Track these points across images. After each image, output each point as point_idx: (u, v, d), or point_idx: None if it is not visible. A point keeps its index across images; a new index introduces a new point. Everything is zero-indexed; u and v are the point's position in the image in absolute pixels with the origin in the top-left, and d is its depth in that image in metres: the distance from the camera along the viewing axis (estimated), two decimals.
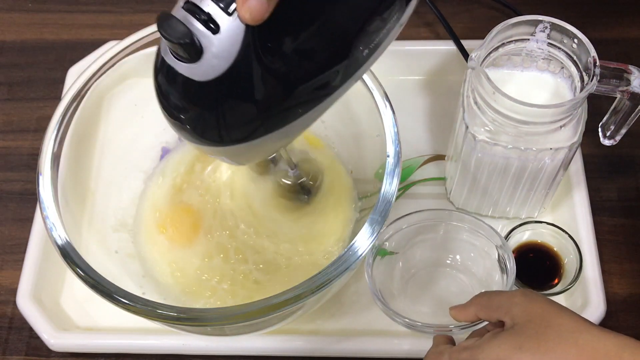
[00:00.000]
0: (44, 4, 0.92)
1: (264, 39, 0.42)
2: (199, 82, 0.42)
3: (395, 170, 0.59)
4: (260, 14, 0.40)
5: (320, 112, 0.49)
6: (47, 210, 0.58)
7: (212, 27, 0.40)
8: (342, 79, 0.48)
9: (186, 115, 0.45)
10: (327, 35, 0.45)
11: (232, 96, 0.43)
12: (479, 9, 0.89)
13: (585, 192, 0.72)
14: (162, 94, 0.45)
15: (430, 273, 0.70)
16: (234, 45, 0.41)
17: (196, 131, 0.45)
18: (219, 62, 0.41)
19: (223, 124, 0.45)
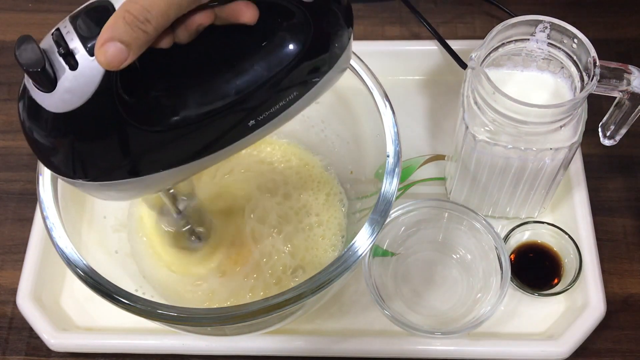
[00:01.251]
0: (44, 4, 0.92)
1: (126, 86, 0.42)
2: (52, 112, 0.42)
3: (395, 170, 0.59)
4: (116, 60, 0.39)
5: (199, 167, 0.49)
6: (47, 210, 0.58)
7: (71, 62, 0.40)
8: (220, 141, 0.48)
9: (38, 142, 0.44)
10: (202, 97, 0.45)
11: (80, 133, 0.43)
12: (480, 9, 0.89)
13: (585, 192, 0.72)
14: (19, 116, 0.45)
15: (430, 273, 0.70)
16: (89, 85, 0.41)
17: (43, 159, 0.45)
18: (72, 98, 0.41)
19: (68, 158, 0.44)
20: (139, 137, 0.44)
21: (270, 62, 0.46)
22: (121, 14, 0.39)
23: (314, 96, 0.50)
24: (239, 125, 0.48)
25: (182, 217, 0.64)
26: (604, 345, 0.67)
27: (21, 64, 0.40)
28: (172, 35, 0.42)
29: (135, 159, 0.45)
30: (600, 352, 0.67)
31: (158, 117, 0.44)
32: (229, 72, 0.46)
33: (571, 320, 0.65)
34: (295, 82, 0.48)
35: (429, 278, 0.70)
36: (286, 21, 0.46)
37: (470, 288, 0.68)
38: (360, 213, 0.68)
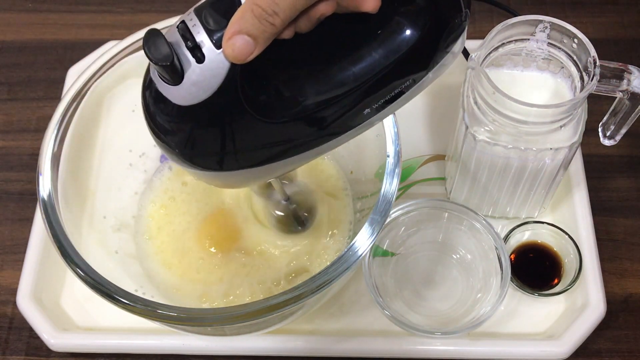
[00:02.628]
0: (44, 4, 0.92)
1: (249, 79, 0.42)
2: (177, 105, 0.42)
3: (395, 170, 0.59)
4: (243, 54, 0.39)
5: (314, 155, 0.49)
6: (47, 210, 0.58)
7: (198, 55, 0.40)
8: (335, 130, 0.48)
9: (164, 134, 0.45)
10: (321, 86, 0.45)
11: (207, 125, 0.43)
12: (480, 9, 0.89)
13: (585, 192, 0.72)
14: (146, 109, 0.45)
15: (430, 273, 0.70)
16: (216, 78, 0.41)
17: (173, 151, 0.46)
18: (198, 91, 0.41)
19: (197, 150, 0.45)
20: (261, 128, 0.44)
21: (388, 49, 0.46)
22: (249, 7, 0.39)
23: (428, 82, 0.50)
24: (355, 113, 0.47)
25: (290, 202, 0.65)
26: (604, 345, 0.67)
27: (150, 58, 0.40)
28: (294, 26, 0.41)
29: (256, 150, 0.46)
30: (600, 352, 0.67)
31: (280, 108, 0.45)
32: (347, 60, 0.45)
33: (571, 320, 0.65)
34: (412, 68, 0.48)
35: (429, 278, 0.70)
36: (404, 6, 0.45)
37: (470, 288, 0.68)
38: (360, 213, 0.68)
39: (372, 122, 0.50)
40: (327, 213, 0.70)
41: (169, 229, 0.70)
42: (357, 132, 0.50)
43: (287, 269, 0.68)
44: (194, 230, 0.70)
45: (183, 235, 0.69)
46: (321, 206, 0.70)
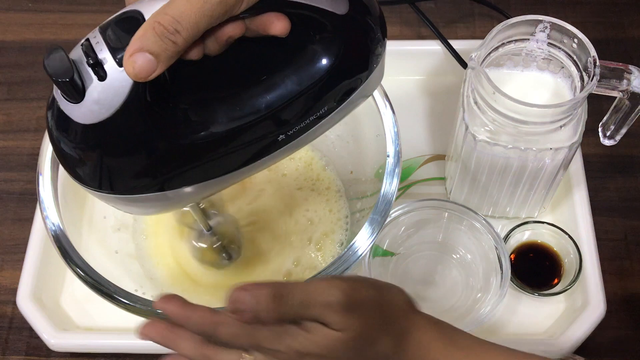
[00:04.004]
0: (44, 4, 0.92)
1: (155, 98, 0.41)
2: (79, 123, 0.41)
3: (395, 170, 0.59)
4: (145, 72, 0.38)
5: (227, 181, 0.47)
6: (47, 210, 0.58)
7: (100, 73, 0.40)
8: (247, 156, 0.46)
9: (65, 153, 0.44)
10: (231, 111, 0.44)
11: (108, 145, 0.42)
12: (480, 9, 0.89)
13: (585, 192, 0.72)
14: (47, 125, 0.44)
15: (430, 273, 0.70)
16: (118, 96, 0.40)
17: (70, 170, 0.45)
18: (100, 109, 0.40)
19: (97, 170, 0.43)
20: (167, 150, 0.43)
21: (302, 76, 0.45)
22: (151, 25, 0.38)
23: (346, 111, 0.49)
24: (269, 140, 0.46)
25: (212, 233, 0.63)
26: (604, 345, 0.67)
27: (49, 73, 0.39)
28: (202, 47, 0.41)
29: (163, 172, 0.44)
30: (600, 352, 0.67)
31: (187, 130, 0.43)
32: (259, 85, 0.44)
33: (571, 320, 0.65)
34: (327, 96, 0.46)
35: (429, 278, 0.70)
36: (318, 34, 0.44)
37: (470, 288, 0.68)
38: (360, 213, 0.68)
39: (288, 149, 0.48)
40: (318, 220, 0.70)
41: (168, 229, 0.70)
42: (274, 159, 0.48)
43: (288, 268, 0.68)
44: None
45: (183, 235, 0.69)
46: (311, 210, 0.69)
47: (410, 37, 0.86)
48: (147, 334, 0.46)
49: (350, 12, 0.44)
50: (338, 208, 0.71)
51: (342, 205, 0.71)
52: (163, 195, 0.45)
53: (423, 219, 0.70)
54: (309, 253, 0.69)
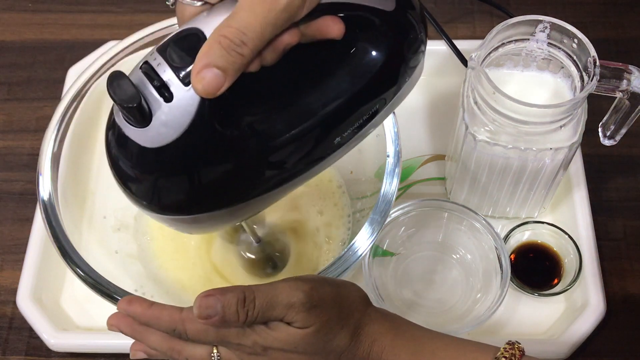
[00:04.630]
0: (44, 4, 0.92)
1: (221, 114, 0.41)
2: (144, 147, 0.40)
3: (395, 170, 0.59)
4: (214, 88, 0.38)
5: (287, 190, 0.47)
6: (47, 210, 0.58)
7: (166, 94, 0.39)
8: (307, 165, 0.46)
9: (131, 178, 0.43)
10: (293, 118, 0.44)
11: (178, 167, 0.42)
12: (480, 9, 0.89)
13: (585, 192, 0.72)
14: (109, 153, 0.43)
15: (430, 273, 0.70)
16: (186, 117, 0.39)
17: (138, 195, 0.44)
18: (168, 131, 0.40)
19: (167, 194, 0.43)
20: (235, 167, 0.43)
21: (355, 76, 0.45)
22: (216, 39, 0.38)
23: (393, 107, 0.49)
24: (326, 144, 0.46)
25: (261, 244, 0.64)
26: (604, 345, 0.67)
27: (116, 100, 0.38)
28: (259, 58, 0.40)
29: (232, 189, 0.44)
30: (600, 352, 0.67)
31: (253, 144, 0.43)
32: (315, 90, 0.44)
33: (571, 320, 0.65)
34: (378, 93, 0.47)
35: (429, 278, 0.70)
36: (367, 32, 0.45)
37: (470, 288, 0.68)
38: (360, 213, 0.68)
39: (343, 151, 0.48)
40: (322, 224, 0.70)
41: (168, 228, 0.70)
42: (329, 162, 0.48)
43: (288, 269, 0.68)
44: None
45: (182, 235, 0.69)
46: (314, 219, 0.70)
47: None
48: (116, 325, 0.48)
49: (396, 8, 0.44)
50: (342, 205, 0.71)
51: (345, 202, 0.71)
52: (230, 211, 0.45)
53: (423, 219, 0.70)
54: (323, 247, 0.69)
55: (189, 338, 0.46)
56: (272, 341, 0.45)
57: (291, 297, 0.45)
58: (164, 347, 0.47)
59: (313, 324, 0.45)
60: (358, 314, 0.48)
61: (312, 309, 0.45)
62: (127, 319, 0.48)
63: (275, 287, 0.46)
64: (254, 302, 0.45)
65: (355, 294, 0.49)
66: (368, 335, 0.48)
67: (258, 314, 0.45)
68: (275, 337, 0.45)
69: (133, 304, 0.47)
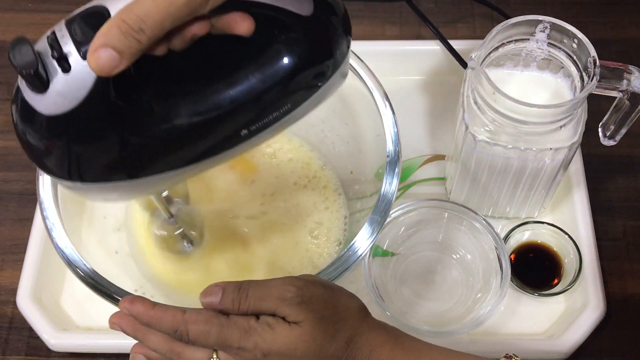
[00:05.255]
0: (44, 4, 0.92)
1: (119, 91, 0.42)
2: (42, 114, 0.42)
3: (395, 170, 0.59)
4: (108, 67, 0.39)
5: (188, 173, 0.49)
6: (47, 211, 0.58)
7: (65, 65, 0.41)
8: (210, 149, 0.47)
9: (31, 144, 0.45)
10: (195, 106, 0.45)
11: (72, 136, 0.43)
12: (480, 9, 0.89)
13: (585, 192, 0.72)
14: (12, 118, 0.45)
15: (430, 273, 0.70)
16: (81, 89, 0.41)
17: (37, 162, 0.46)
18: (63, 101, 0.41)
19: (61, 160, 0.44)
20: (131, 141, 0.44)
21: (265, 74, 0.46)
22: (116, 22, 0.39)
23: (308, 108, 0.50)
24: (232, 134, 0.47)
25: (174, 220, 0.64)
26: (604, 345, 0.67)
27: (14, 64, 0.40)
28: (166, 43, 0.42)
29: (126, 162, 0.45)
30: (600, 352, 0.67)
31: (150, 123, 0.44)
32: (223, 82, 0.46)
33: (571, 320, 0.65)
34: (290, 94, 0.48)
35: (429, 278, 0.70)
36: (283, 34, 0.46)
37: (470, 288, 0.68)
38: (360, 213, 0.68)
39: (251, 144, 0.49)
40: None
41: (155, 238, 0.69)
42: (236, 152, 0.49)
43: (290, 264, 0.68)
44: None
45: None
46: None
47: (410, 37, 0.86)
48: (118, 323, 0.49)
49: (314, 13, 0.45)
50: (337, 207, 0.71)
51: (340, 204, 0.71)
52: (128, 184, 0.47)
53: (423, 219, 0.70)
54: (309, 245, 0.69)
55: (190, 340, 0.47)
56: (272, 342, 0.46)
57: (283, 291, 0.47)
58: (164, 348, 0.47)
59: (305, 319, 0.46)
60: (354, 320, 0.48)
61: (303, 304, 0.47)
62: (129, 318, 0.49)
63: (270, 281, 0.48)
64: (248, 291, 0.47)
65: (351, 301, 0.50)
66: (366, 344, 0.48)
67: (250, 304, 0.47)
68: (275, 338, 0.46)
69: (136, 304, 0.48)
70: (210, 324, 0.46)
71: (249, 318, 0.47)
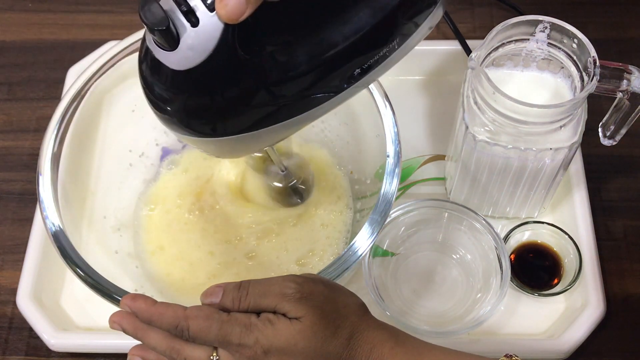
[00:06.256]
0: (44, 4, 0.92)
1: (244, 41, 0.43)
2: (174, 70, 0.43)
3: (395, 170, 0.59)
4: (237, 13, 0.40)
5: (308, 119, 0.50)
6: (47, 211, 0.58)
7: (192, 20, 0.42)
8: (328, 90, 0.49)
9: (162, 101, 0.46)
10: (314, 44, 0.46)
11: (204, 89, 0.44)
12: (481, 8, 0.89)
13: (585, 192, 0.72)
14: (143, 77, 0.46)
15: (430, 273, 0.70)
16: (211, 41, 0.42)
17: (170, 118, 0.47)
18: (194, 55, 0.42)
19: (195, 115, 0.46)
20: (258, 91, 0.45)
21: (374, 9, 0.47)
22: None
23: (412, 44, 0.51)
24: (347, 74, 0.49)
25: (287, 173, 0.66)
26: (604, 345, 0.67)
27: (146, 23, 0.41)
28: None
29: (254, 113, 0.47)
30: (600, 352, 0.67)
31: (274, 71, 0.45)
32: (336, 20, 0.47)
33: (571, 320, 0.65)
34: (397, 28, 0.49)
35: (429, 278, 0.70)
36: None
37: (470, 288, 0.68)
38: (360, 213, 0.68)
39: (362, 85, 0.51)
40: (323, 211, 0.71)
41: (168, 228, 0.70)
42: (348, 95, 0.51)
43: (288, 271, 0.68)
44: (193, 230, 0.70)
45: (182, 235, 0.69)
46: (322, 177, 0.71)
47: None
48: (119, 322, 0.49)
49: None
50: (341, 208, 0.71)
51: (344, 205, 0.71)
52: (255, 135, 0.48)
53: (423, 219, 0.70)
54: None
55: (190, 337, 0.47)
56: (273, 338, 0.46)
57: (283, 287, 0.47)
58: (164, 345, 0.48)
59: (306, 315, 0.46)
60: (355, 317, 0.49)
61: (303, 300, 0.47)
62: (130, 317, 0.49)
63: (270, 279, 0.49)
64: (248, 289, 0.48)
65: (351, 299, 0.50)
66: (367, 341, 0.48)
67: (251, 301, 0.47)
68: (276, 334, 0.46)
69: (137, 300, 0.49)
70: (211, 319, 0.47)
71: (249, 315, 0.47)
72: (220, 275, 0.67)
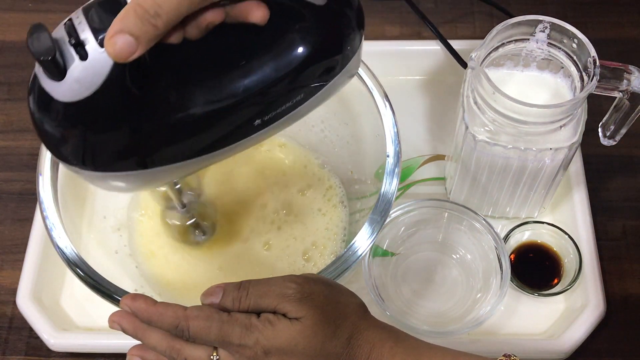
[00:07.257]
0: (44, 4, 0.92)
1: (134, 78, 0.42)
2: (59, 101, 0.42)
3: (395, 170, 0.59)
4: (125, 53, 0.39)
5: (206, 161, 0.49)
6: (47, 211, 0.58)
7: (82, 53, 0.41)
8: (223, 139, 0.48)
9: (47, 132, 0.44)
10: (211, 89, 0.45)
11: (88, 123, 0.43)
12: (480, 9, 0.89)
13: (585, 192, 0.72)
14: (29, 106, 0.45)
15: (430, 273, 0.70)
16: (98, 76, 0.41)
17: (53, 149, 0.45)
18: (80, 88, 0.41)
19: (76, 147, 0.44)
20: (146, 130, 0.44)
21: (279, 63, 0.46)
22: (132, 7, 0.39)
23: (321, 99, 0.50)
24: (245, 124, 0.48)
25: (186, 210, 0.64)
26: (604, 345, 0.67)
27: (32, 52, 0.40)
28: (182, 31, 0.42)
29: (141, 151, 0.45)
30: (600, 352, 0.67)
31: (165, 111, 0.45)
32: (237, 70, 0.46)
33: (571, 320, 0.65)
34: (303, 84, 0.48)
35: (429, 278, 0.70)
36: (297, 23, 0.46)
37: (470, 288, 0.68)
38: (360, 213, 0.68)
39: (264, 134, 0.49)
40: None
41: (168, 229, 0.70)
42: (250, 142, 0.49)
43: (289, 270, 0.68)
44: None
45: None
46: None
47: (410, 37, 0.86)
48: (119, 322, 0.49)
49: (328, 4, 0.46)
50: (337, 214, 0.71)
51: (340, 210, 0.71)
52: (142, 173, 0.47)
53: (423, 219, 0.70)
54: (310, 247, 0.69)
55: (190, 337, 0.47)
56: (273, 339, 0.46)
57: (283, 287, 0.47)
58: (164, 345, 0.48)
59: (306, 315, 0.46)
60: (355, 317, 0.49)
61: (303, 300, 0.47)
62: (130, 317, 0.49)
63: (270, 279, 0.49)
64: (248, 289, 0.48)
65: (351, 299, 0.50)
66: (367, 341, 0.48)
67: (251, 301, 0.47)
68: (276, 334, 0.46)
69: (137, 300, 0.49)
70: (212, 319, 0.47)
71: (250, 315, 0.47)
72: (215, 279, 0.67)
